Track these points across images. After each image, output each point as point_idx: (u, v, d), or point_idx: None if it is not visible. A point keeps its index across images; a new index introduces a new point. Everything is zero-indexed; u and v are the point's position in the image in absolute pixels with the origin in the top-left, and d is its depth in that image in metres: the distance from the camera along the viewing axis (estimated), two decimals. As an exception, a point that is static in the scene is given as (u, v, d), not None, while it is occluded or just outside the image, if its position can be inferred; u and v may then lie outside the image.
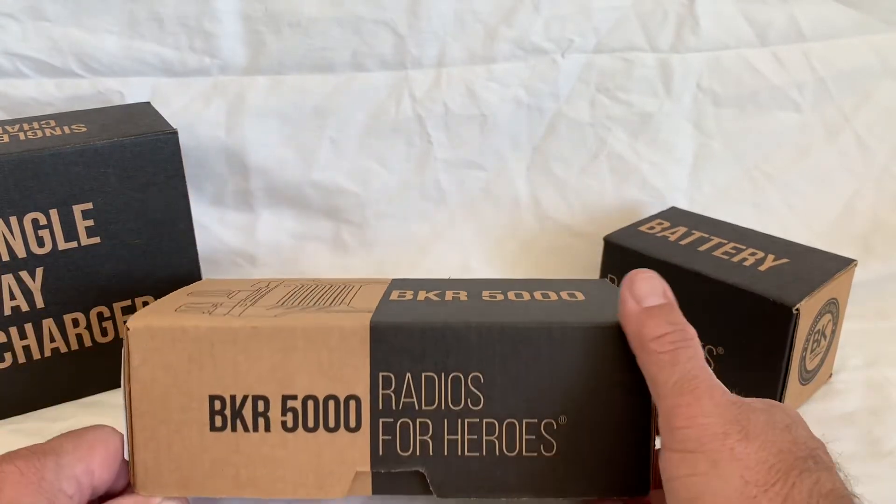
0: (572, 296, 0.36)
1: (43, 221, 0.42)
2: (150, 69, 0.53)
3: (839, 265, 0.45)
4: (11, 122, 0.46)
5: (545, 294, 0.36)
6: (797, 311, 0.40)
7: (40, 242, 0.42)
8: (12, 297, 0.42)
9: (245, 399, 0.31)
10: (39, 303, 0.43)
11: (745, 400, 0.28)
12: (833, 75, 0.61)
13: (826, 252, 0.47)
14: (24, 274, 0.42)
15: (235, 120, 0.55)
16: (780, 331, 0.41)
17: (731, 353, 0.44)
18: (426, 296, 0.36)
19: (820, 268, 0.45)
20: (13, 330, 0.43)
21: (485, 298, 0.36)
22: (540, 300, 0.35)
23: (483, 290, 0.37)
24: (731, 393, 0.28)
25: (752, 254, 0.47)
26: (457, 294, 0.36)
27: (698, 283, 0.44)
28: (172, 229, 0.45)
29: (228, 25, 0.52)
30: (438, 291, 0.37)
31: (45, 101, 0.52)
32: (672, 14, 0.57)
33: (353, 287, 0.38)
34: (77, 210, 0.42)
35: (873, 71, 0.62)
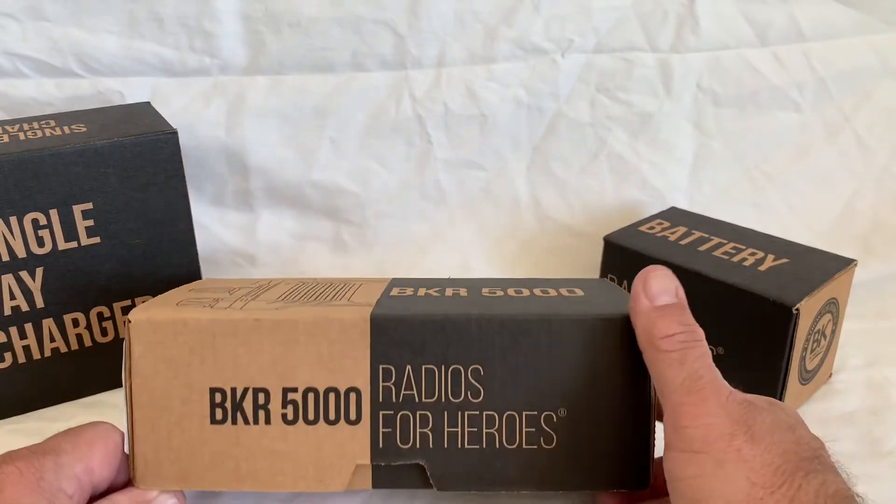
0: (572, 292, 0.36)
1: (43, 221, 0.42)
2: (150, 69, 0.53)
3: (839, 265, 0.45)
4: (11, 122, 0.46)
5: (545, 291, 0.36)
6: (797, 311, 0.40)
7: (40, 242, 0.42)
8: (12, 297, 0.42)
9: (246, 391, 0.31)
10: (39, 303, 0.43)
11: (750, 399, 0.28)
12: (833, 75, 0.61)
13: (826, 252, 0.47)
14: (24, 274, 0.42)
15: (235, 120, 0.55)
16: (780, 331, 0.41)
17: (731, 353, 0.44)
18: (426, 292, 0.36)
19: (820, 268, 0.45)
20: (13, 330, 0.43)
21: (484, 294, 0.36)
22: (540, 296, 0.35)
23: (483, 288, 0.37)
24: (737, 392, 0.28)
25: (752, 254, 0.47)
26: (456, 291, 0.36)
27: (698, 283, 0.44)
28: (172, 229, 0.45)
29: (228, 25, 0.52)
30: (438, 288, 0.37)
31: (45, 101, 0.52)
32: (672, 14, 0.57)
33: (354, 285, 0.38)
34: (77, 210, 0.42)
35: (873, 71, 0.62)
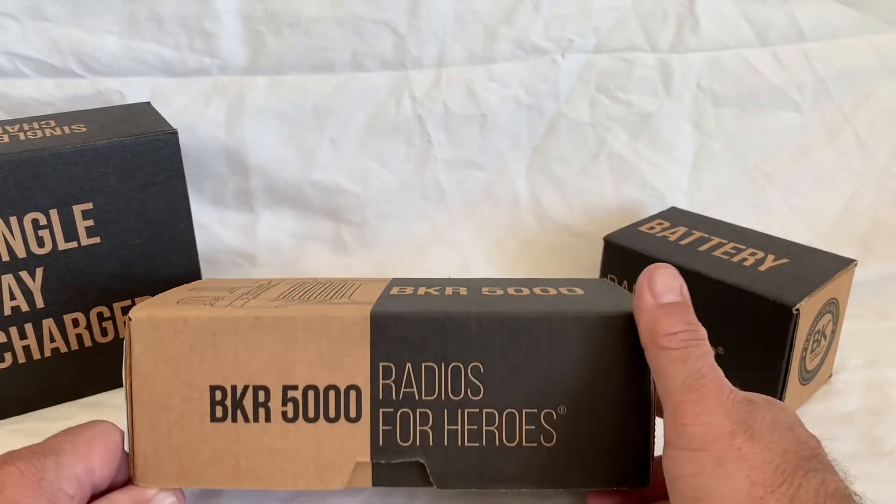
0: (571, 291, 0.36)
1: (43, 221, 0.42)
2: (150, 69, 0.53)
3: (839, 265, 0.45)
4: (11, 122, 0.46)
5: (544, 290, 0.36)
6: (797, 311, 0.40)
7: (40, 242, 0.42)
8: (12, 297, 0.42)
9: (246, 389, 0.31)
10: (39, 303, 0.43)
11: (750, 397, 0.28)
12: (833, 75, 0.61)
13: (826, 252, 0.47)
14: (24, 274, 0.42)
15: (235, 120, 0.55)
16: (780, 331, 0.41)
17: (731, 353, 0.44)
18: (426, 291, 0.36)
19: (820, 268, 0.45)
20: (13, 330, 0.43)
21: (484, 293, 0.36)
22: (539, 294, 0.35)
23: (483, 287, 0.37)
24: (738, 390, 0.28)
25: (752, 254, 0.47)
26: (456, 290, 0.36)
27: (698, 283, 0.44)
28: (172, 229, 0.45)
29: (228, 25, 0.52)
30: (438, 288, 0.37)
31: (45, 101, 0.52)
32: (672, 14, 0.57)
33: (354, 284, 0.38)
34: (77, 210, 0.42)
35: (873, 71, 0.62)
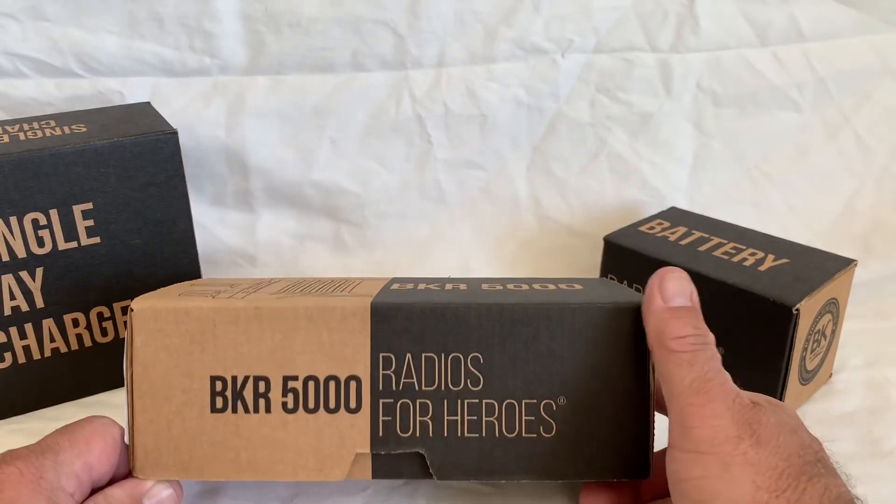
0: (570, 286, 0.36)
1: (43, 221, 0.42)
2: (150, 69, 0.53)
3: (839, 265, 0.45)
4: (11, 122, 0.46)
5: (543, 286, 0.37)
6: (797, 311, 0.40)
7: (40, 242, 0.42)
8: (12, 297, 0.42)
9: (246, 380, 0.32)
10: (39, 303, 0.43)
11: (755, 400, 0.28)
12: (833, 75, 0.61)
13: (826, 252, 0.47)
14: (24, 274, 0.42)
15: (235, 120, 0.55)
16: (780, 331, 0.41)
17: (731, 353, 0.44)
18: (426, 287, 0.36)
19: (820, 268, 0.45)
20: (13, 330, 0.43)
21: (484, 288, 0.36)
22: (539, 289, 0.36)
23: (482, 284, 0.37)
24: (744, 394, 0.29)
25: (752, 254, 0.47)
26: (456, 286, 0.37)
27: (698, 283, 0.44)
28: (172, 229, 0.45)
29: (228, 25, 0.52)
30: (438, 284, 0.37)
31: (45, 101, 0.52)
32: (672, 14, 0.57)
33: (354, 282, 0.38)
34: (77, 210, 0.42)
35: (873, 71, 0.62)
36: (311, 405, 0.31)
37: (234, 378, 0.31)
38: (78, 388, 0.46)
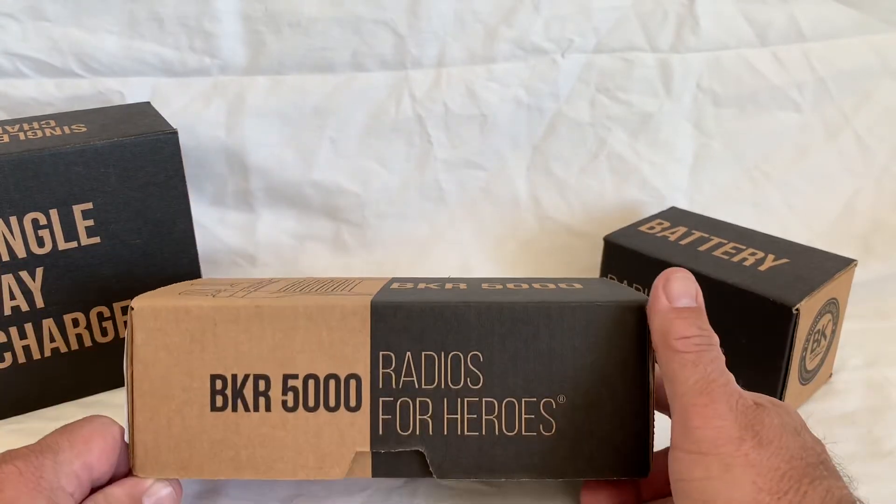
0: (570, 286, 0.36)
1: (43, 221, 0.42)
2: (150, 69, 0.53)
3: (839, 265, 0.45)
4: (11, 122, 0.46)
5: (543, 285, 0.37)
6: (797, 311, 0.40)
7: (40, 242, 0.42)
8: (12, 297, 0.42)
9: (246, 378, 0.32)
10: (39, 303, 0.43)
11: (758, 401, 0.28)
12: (833, 75, 0.61)
13: (826, 252, 0.47)
14: (24, 274, 0.42)
15: (235, 120, 0.55)
16: (780, 331, 0.41)
17: (731, 353, 0.43)
18: (426, 286, 0.36)
19: (820, 268, 0.45)
20: (13, 330, 0.43)
21: (484, 287, 0.36)
22: (538, 288, 0.36)
23: (482, 283, 0.37)
24: (747, 394, 0.29)
25: (752, 254, 0.47)
26: (456, 286, 0.37)
27: (698, 283, 0.44)
28: (172, 229, 0.45)
29: (228, 25, 0.52)
30: (438, 283, 0.37)
31: (45, 101, 0.52)
32: (672, 14, 0.57)
33: (354, 281, 0.38)
34: (77, 210, 0.42)
35: (873, 71, 0.62)
36: (311, 404, 0.31)
37: (234, 376, 0.32)
38: (78, 388, 0.46)
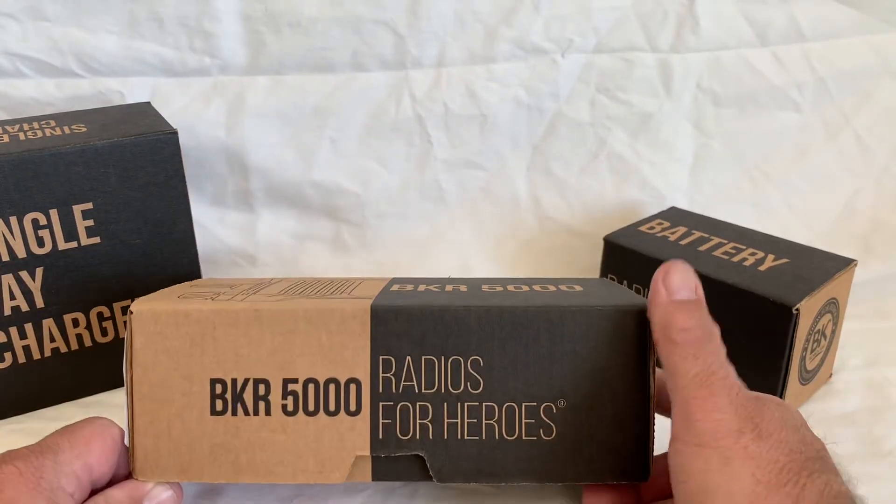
0: (571, 288, 0.36)
1: (43, 221, 0.42)
2: (150, 69, 0.53)
3: (839, 265, 0.45)
4: (11, 122, 0.46)
5: (544, 287, 0.37)
6: (797, 311, 0.40)
7: (40, 242, 0.42)
8: (12, 297, 0.42)
9: (246, 382, 0.32)
10: (39, 303, 0.43)
11: (759, 396, 0.28)
12: (833, 75, 0.61)
13: (826, 252, 0.47)
14: (24, 274, 0.42)
15: (235, 120, 0.55)
16: (780, 331, 0.41)
17: (731, 353, 0.43)
18: (426, 288, 0.36)
19: (820, 268, 0.44)
20: (13, 330, 0.43)
21: (484, 290, 0.36)
22: (539, 290, 0.35)
23: (482, 285, 0.37)
24: (747, 389, 0.29)
25: (752, 254, 0.47)
26: (456, 287, 0.37)
27: (698, 283, 0.44)
28: (172, 229, 0.45)
29: (228, 25, 0.52)
30: (438, 285, 0.37)
31: (45, 101, 0.52)
32: (672, 14, 0.57)
33: (354, 282, 0.38)
34: (77, 210, 0.42)
35: (873, 71, 0.62)
36: (311, 408, 0.31)
37: (234, 380, 0.31)
38: (78, 388, 0.46)
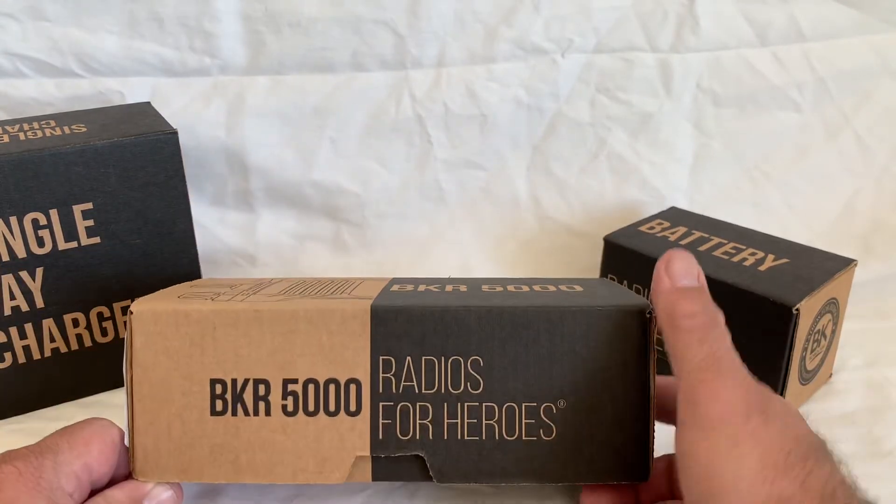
0: (571, 288, 0.36)
1: (43, 221, 0.42)
2: (150, 69, 0.53)
3: (839, 265, 0.45)
4: (11, 122, 0.46)
5: (544, 287, 0.37)
6: (797, 311, 0.40)
7: (40, 242, 0.42)
8: (12, 297, 0.42)
9: (246, 383, 0.31)
10: (39, 303, 0.43)
11: (764, 386, 0.28)
12: (833, 75, 0.61)
13: (826, 252, 0.47)
14: (24, 274, 0.42)
15: (235, 120, 0.55)
16: (780, 331, 0.41)
17: (731, 353, 0.44)
18: (426, 288, 0.36)
19: (820, 268, 0.44)
20: (13, 330, 0.43)
21: (484, 290, 0.36)
22: (539, 291, 0.35)
23: (482, 285, 0.37)
24: (753, 376, 0.29)
25: (752, 254, 0.47)
26: (456, 287, 0.37)
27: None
28: (172, 229, 0.45)
29: (228, 25, 0.52)
30: (438, 285, 0.37)
31: (45, 101, 0.52)
32: (672, 14, 0.57)
33: (354, 282, 0.38)
34: (77, 210, 0.42)
35: (873, 71, 0.62)
36: (311, 408, 0.31)
37: (234, 381, 0.31)
38: (78, 388, 0.46)
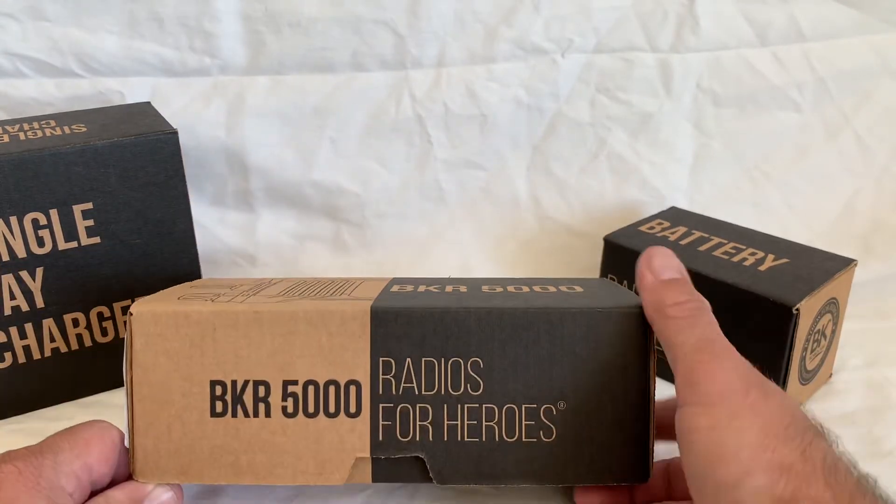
0: (571, 288, 0.36)
1: (43, 221, 0.42)
2: (150, 69, 0.53)
3: (839, 265, 0.45)
4: (11, 122, 0.46)
5: (544, 287, 0.37)
6: (797, 311, 0.40)
7: (40, 242, 0.42)
8: (12, 297, 0.42)
9: (246, 384, 0.31)
10: (39, 303, 0.43)
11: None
12: (833, 75, 0.61)
13: (826, 252, 0.47)
14: (24, 274, 0.42)
15: (235, 120, 0.55)
16: (780, 331, 0.41)
17: (731, 353, 0.44)
18: (426, 289, 0.36)
19: (820, 268, 0.45)
20: (13, 330, 0.43)
21: (484, 291, 0.36)
22: (539, 291, 0.35)
23: (482, 286, 0.37)
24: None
25: (752, 254, 0.47)
26: (456, 288, 0.37)
27: (698, 283, 0.44)
28: (172, 229, 0.45)
29: (228, 25, 0.52)
30: (438, 286, 0.37)
31: (45, 101, 0.52)
32: (672, 14, 0.57)
33: (354, 283, 0.38)
34: (77, 210, 0.42)
35: (873, 71, 0.62)
36: (311, 409, 0.31)
37: (234, 382, 0.31)
38: (78, 388, 0.46)
